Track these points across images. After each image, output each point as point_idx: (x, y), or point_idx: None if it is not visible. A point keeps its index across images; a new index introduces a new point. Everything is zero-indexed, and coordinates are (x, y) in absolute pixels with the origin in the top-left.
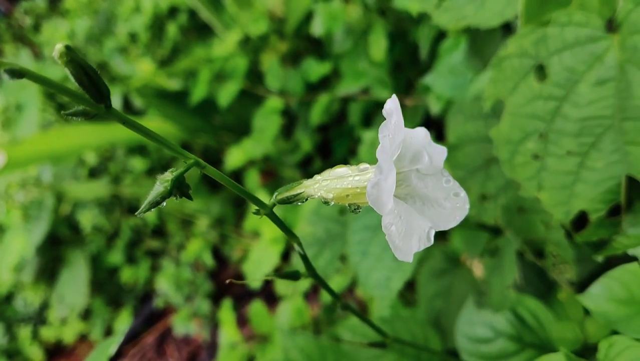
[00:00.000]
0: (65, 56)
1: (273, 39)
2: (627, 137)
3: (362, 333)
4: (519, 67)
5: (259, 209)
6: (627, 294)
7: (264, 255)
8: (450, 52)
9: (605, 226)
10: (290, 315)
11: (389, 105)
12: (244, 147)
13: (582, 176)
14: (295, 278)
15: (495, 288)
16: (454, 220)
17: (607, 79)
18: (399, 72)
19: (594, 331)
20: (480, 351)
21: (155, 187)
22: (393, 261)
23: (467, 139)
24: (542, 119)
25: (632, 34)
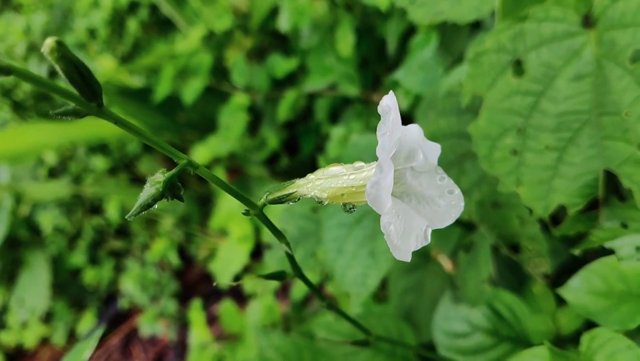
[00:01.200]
0: (57, 52)
1: (238, 34)
2: (605, 132)
3: (337, 331)
4: (496, 62)
5: (249, 210)
6: (605, 287)
7: (232, 254)
8: (421, 47)
9: (582, 220)
10: (260, 313)
11: (385, 102)
12: (209, 144)
13: (560, 171)
14: (281, 279)
15: (470, 283)
16: (450, 218)
17: (584, 75)
18: (366, 68)
19: (566, 322)
20: (458, 346)
21: (146, 189)
22: (369, 258)
23: (440, 135)
24: (520, 115)
25: (609, 29)
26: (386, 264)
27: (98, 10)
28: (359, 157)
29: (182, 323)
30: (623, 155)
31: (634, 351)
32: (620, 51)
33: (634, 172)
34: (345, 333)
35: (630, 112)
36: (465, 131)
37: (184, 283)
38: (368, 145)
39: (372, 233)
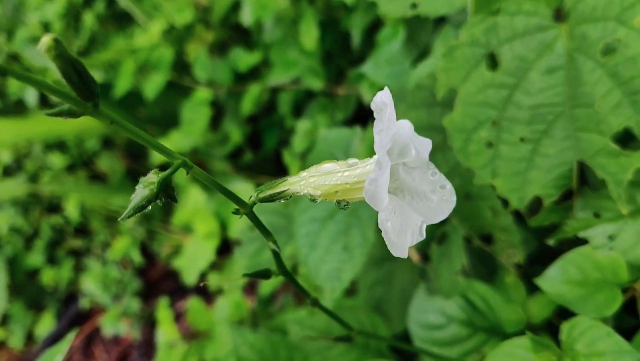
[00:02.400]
0: (54, 50)
1: (199, 28)
2: (578, 123)
3: (311, 326)
4: (470, 56)
5: (239, 209)
6: (581, 276)
7: (198, 251)
8: (388, 41)
9: (557, 211)
10: (228, 310)
11: (380, 98)
12: (171, 140)
13: (535, 163)
14: (266, 277)
15: (444, 274)
16: (443, 213)
17: (557, 67)
18: (329, 61)
19: (537, 311)
20: (433, 338)
21: (139, 190)
22: (342, 253)
23: None
24: (495, 107)
25: (580, 23)
26: (361, 259)
27: (52, 3)
28: (329, 151)
29: (146, 322)
30: (596, 146)
31: (614, 338)
32: (591, 44)
33: (607, 163)
34: (320, 328)
35: (603, 104)
36: (435, 123)
37: (147, 280)
38: (338, 139)
39: (346, 228)
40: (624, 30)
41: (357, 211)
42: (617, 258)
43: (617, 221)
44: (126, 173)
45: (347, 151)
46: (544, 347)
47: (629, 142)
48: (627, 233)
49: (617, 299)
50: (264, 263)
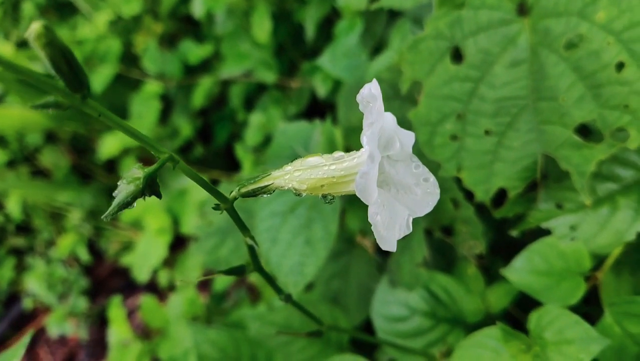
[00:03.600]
0: (44, 38)
1: (147, 19)
2: (542, 116)
3: (270, 322)
4: (435, 49)
5: (219, 205)
6: (547, 266)
7: (150, 247)
8: (346, 33)
9: (521, 203)
10: (182, 307)
11: (369, 90)
12: (119, 134)
13: (500, 155)
14: (241, 273)
15: (405, 266)
16: (427, 206)
17: (521, 61)
18: (282, 54)
19: (495, 302)
20: (397, 330)
21: (123, 186)
22: (305, 247)
23: None
24: (460, 100)
25: (542, 18)
26: (324, 252)
27: None
28: (287, 145)
29: (94, 321)
30: (560, 139)
31: (582, 325)
32: (554, 39)
33: (570, 155)
34: (280, 324)
35: (567, 97)
36: (396, 116)
37: (94, 278)
38: (297, 132)
39: (307, 222)
40: (586, 25)
41: (318, 205)
42: (580, 247)
43: (578, 211)
44: (71, 168)
45: (306, 145)
46: (513, 337)
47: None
48: (588, 223)
49: (580, 288)
50: (222, 259)
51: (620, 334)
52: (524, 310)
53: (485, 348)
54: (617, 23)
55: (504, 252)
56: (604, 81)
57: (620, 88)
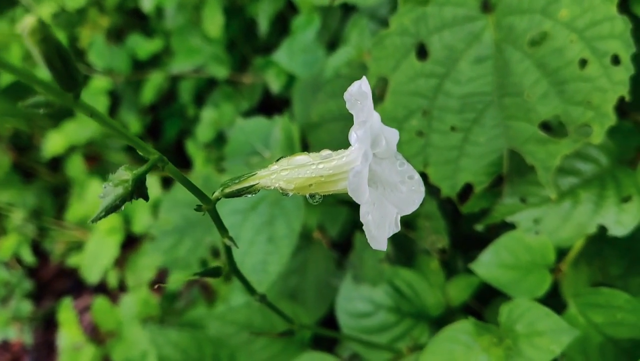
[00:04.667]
0: (39, 33)
1: (92, 12)
2: (507, 112)
3: (232, 321)
4: (400, 45)
5: (201, 205)
6: (513, 260)
7: (101, 247)
8: (304, 29)
9: (486, 197)
10: (136, 307)
11: (359, 88)
12: (64, 131)
13: (466, 151)
14: (217, 275)
15: (368, 262)
16: (413, 203)
17: (485, 57)
18: (233, 49)
19: (455, 295)
20: (362, 326)
21: (109, 189)
22: (268, 244)
23: (330, 117)
24: (425, 97)
25: (506, 15)
26: (288, 250)
27: None
28: (247, 141)
29: (40, 325)
30: (526, 134)
31: (552, 317)
32: (518, 36)
33: (536, 150)
34: (241, 323)
35: (531, 93)
36: None
37: (39, 280)
38: (256, 129)
39: (269, 219)
40: (550, 22)
41: (280, 202)
42: (546, 241)
43: (541, 205)
44: (12, 167)
45: (266, 141)
46: (485, 330)
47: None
48: (551, 217)
49: (546, 280)
50: (180, 259)
51: (585, 324)
52: (483, 302)
53: (456, 342)
54: (580, 21)
55: (462, 246)
56: (567, 78)
57: (583, 85)
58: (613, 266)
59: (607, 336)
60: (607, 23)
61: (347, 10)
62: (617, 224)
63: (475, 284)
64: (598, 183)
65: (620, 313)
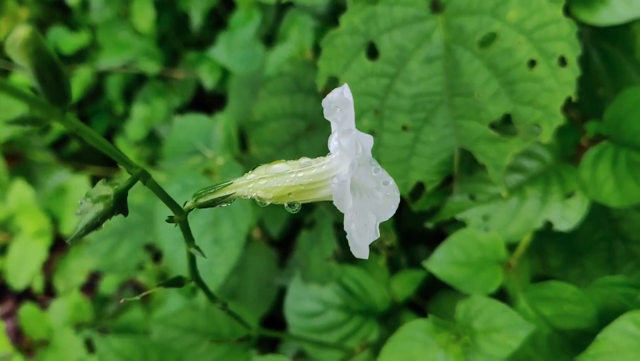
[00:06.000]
0: (32, 46)
1: (10, 3)
2: (457, 112)
3: (175, 325)
4: (350, 44)
5: (172, 217)
6: (466, 257)
7: (27, 250)
8: (243, 25)
9: (437, 195)
10: (67, 313)
11: (340, 95)
12: None
13: (417, 150)
14: (179, 285)
15: (315, 261)
16: (390, 210)
17: (435, 57)
18: (164, 44)
19: (399, 291)
20: (312, 326)
21: (87, 205)
22: (213, 246)
23: (273, 115)
24: (376, 96)
25: (456, 15)
26: (235, 251)
27: None
28: (187, 139)
29: None
30: (476, 133)
31: (509, 313)
32: (468, 36)
33: (487, 149)
34: (184, 326)
35: (482, 93)
36: (299, 110)
37: None
38: (197, 127)
39: (214, 220)
40: (499, 24)
41: None
42: (496, 237)
43: (490, 202)
44: None
45: (207, 140)
46: (443, 327)
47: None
48: (499, 213)
49: (498, 275)
50: (119, 262)
51: (534, 317)
52: (425, 297)
53: (414, 340)
54: (528, 23)
55: (405, 242)
56: (517, 78)
57: (532, 85)
58: (553, 258)
59: (554, 327)
60: (554, 25)
61: (284, 5)
62: (562, 219)
63: (419, 280)
64: (543, 179)
65: (567, 305)
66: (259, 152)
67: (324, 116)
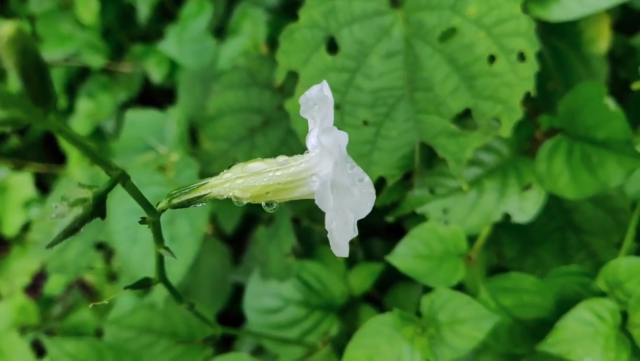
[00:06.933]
0: (18, 44)
1: None
2: (418, 106)
3: (129, 325)
4: (310, 38)
5: (145, 218)
6: (427, 250)
7: None
8: (194, 17)
9: (398, 190)
10: (11, 316)
11: (315, 92)
12: None
13: (378, 145)
14: (147, 286)
15: (273, 257)
16: (366, 207)
17: (395, 52)
18: (109, 36)
19: (357, 284)
20: (271, 322)
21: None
22: (170, 244)
23: (228, 109)
24: (337, 91)
25: (415, 10)
26: (192, 249)
27: None
28: (139, 135)
29: None
30: (437, 128)
31: (473, 305)
32: (428, 31)
33: (447, 143)
34: (140, 326)
35: (442, 88)
36: (254, 105)
37: None
38: (148, 122)
39: (170, 218)
40: (459, 19)
41: None
42: (457, 230)
43: (449, 196)
44: None
45: (160, 136)
46: (408, 321)
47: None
48: (459, 207)
49: (460, 268)
50: (69, 263)
51: (495, 308)
52: (382, 290)
53: (380, 335)
54: (487, 18)
55: (360, 235)
56: (477, 73)
57: (492, 80)
58: (508, 249)
59: (515, 318)
60: (512, 21)
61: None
62: (519, 211)
63: (376, 273)
64: (501, 172)
65: (526, 295)
66: (213, 147)
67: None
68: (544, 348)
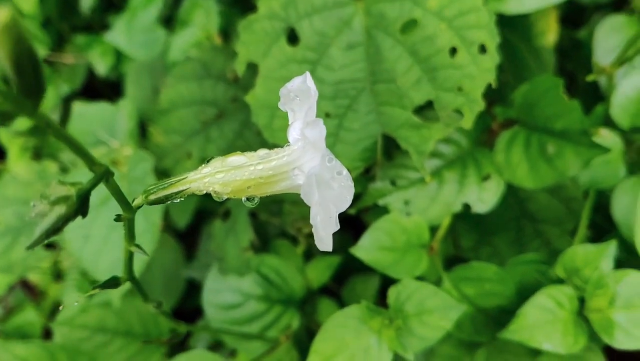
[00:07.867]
0: (12, 32)
1: None
2: (380, 98)
3: (82, 325)
4: (270, 29)
5: (120, 215)
6: (391, 242)
7: None
8: (144, 7)
9: (361, 182)
10: None
11: (297, 84)
12: None
13: (341, 137)
14: (116, 286)
15: (231, 251)
16: (346, 200)
17: (356, 44)
18: (48, 26)
19: (315, 277)
20: (232, 318)
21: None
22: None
23: (181, 101)
24: None
25: (376, 1)
26: (149, 245)
27: None
28: (89, 129)
29: None
30: (399, 120)
31: (440, 295)
32: (390, 23)
33: (409, 135)
34: (93, 326)
35: (404, 80)
36: (208, 97)
37: None
38: (97, 115)
39: None
40: (420, 10)
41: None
42: (420, 221)
43: (410, 187)
44: None
45: (112, 129)
46: (375, 313)
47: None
48: (420, 198)
49: (423, 259)
50: (17, 262)
51: (458, 297)
52: (339, 282)
53: (347, 327)
54: (448, 11)
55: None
56: (438, 65)
57: (453, 72)
58: (464, 239)
59: (477, 306)
60: (473, 14)
61: None
62: (479, 201)
63: (334, 265)
64: (460, 163)
65: (488, 284)
66: (167, 141)
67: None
68: (505, 335)
